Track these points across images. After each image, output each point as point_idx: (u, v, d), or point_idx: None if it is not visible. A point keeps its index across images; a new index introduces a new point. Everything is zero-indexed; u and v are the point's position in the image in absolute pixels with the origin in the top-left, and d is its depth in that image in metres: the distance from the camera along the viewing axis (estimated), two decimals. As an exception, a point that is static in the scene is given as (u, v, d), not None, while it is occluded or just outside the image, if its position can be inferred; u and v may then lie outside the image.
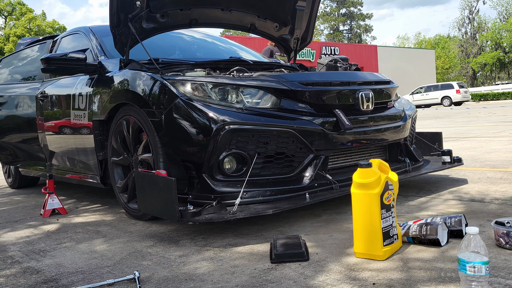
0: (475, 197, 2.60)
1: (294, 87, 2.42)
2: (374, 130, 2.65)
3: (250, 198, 2.23)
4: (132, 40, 2.85)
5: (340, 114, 2.45)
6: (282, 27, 3.49)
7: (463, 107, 21.16)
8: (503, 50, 48.11)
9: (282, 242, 1.89)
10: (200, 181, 2.27)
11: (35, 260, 2.05)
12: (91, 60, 3.21)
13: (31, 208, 3.46)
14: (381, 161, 1.84)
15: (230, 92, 2.36)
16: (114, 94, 2.76)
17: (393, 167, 2.82)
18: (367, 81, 2.75)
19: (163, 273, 1.74)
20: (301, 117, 2.38)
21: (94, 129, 2.95)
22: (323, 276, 1.57)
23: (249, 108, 2.32)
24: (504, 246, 1.68)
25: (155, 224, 2.56)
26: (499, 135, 6.10)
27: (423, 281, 1.46)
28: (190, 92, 2.33)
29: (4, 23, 41.49)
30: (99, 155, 2.97)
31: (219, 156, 2.22)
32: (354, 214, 1.75)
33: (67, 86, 3.40)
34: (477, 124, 8.75)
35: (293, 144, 2.34)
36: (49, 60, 3.01)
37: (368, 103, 2.61)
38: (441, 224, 1.80)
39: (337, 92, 2.54)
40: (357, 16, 57.65)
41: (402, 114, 2.91)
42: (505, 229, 1.68)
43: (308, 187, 2.36)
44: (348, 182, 2.51)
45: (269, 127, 2.27)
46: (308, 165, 2.39)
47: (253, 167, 2.25)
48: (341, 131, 2.44)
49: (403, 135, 2.88)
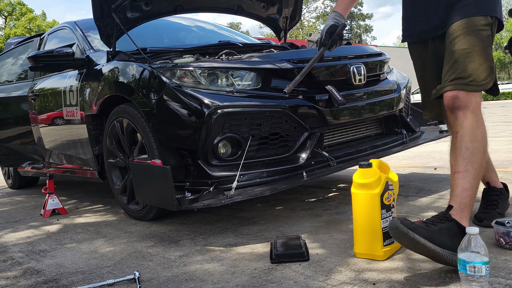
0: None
1: (283, 66, 2.40)
2: (368, 104, 2.63)
3: (247, 181, 2.22)
4: (118, 31, 2.83)
5: (333, 90, 2.43)
6: (269, 6, 3.46)
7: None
8: (503, 50, 48.06)
9: (282, 242, 1.89)
10: (196, 168, 2.26)
11: (35, 260, 2.05)
12: (79, 54, 3.19)
13: (31, 209, 3.46)
14: (381, 161, 1.84)
15: (219, 76, 2.33)
16: (104, 87, 2.75)
17: (390, 139, 2.83)
18: (358, 55, 2.72)
19: (163, 273, 1.74)
20: (293, 95, 2.37)
21: (87, 123, 2.95)
22: (323, 276, 1.57)
23: (240, 91, 2.30)
24: (504, 246, 1.68)
25: (155, 224, 2.56)
26: (499, 135, 6.10)
27: (423, 281, 1.46)
28: (180, 79, 2.31)
29: (4, 23, 41.49)
30: (95, 149, 2.97)
31: (213, 141, 2.21)
32: (354, 214, 1.75)
33: (57, 83, 3.39)
34: (477, 124, 8.72)
35: (287, 124, 2.33)
36: (36, 58, 3.00)
37: (360, 77, 2.58)
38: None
39: (327, 67, 2.52)
40: (357, 16, 57.67)
41: (396, 85, 2.89)
42: (505, 229, 1.68)
43: (305, 166, 2.34)
44: (345, 157, 2.52)
45: (261, 108, 2.26)
46: (304, 144, 2.38)
47: (248, 149, 2.24)
48: (334, 107, 2.42)
49: (398, 106, 2.85)
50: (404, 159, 4.51)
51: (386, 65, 2.98)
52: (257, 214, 2.60)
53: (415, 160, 4.37)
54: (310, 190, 3.26)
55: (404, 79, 3.12)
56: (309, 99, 2.39)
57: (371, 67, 2.74)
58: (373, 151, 2.66)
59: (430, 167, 3.83)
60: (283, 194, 3.18)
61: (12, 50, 4.58)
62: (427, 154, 4.70)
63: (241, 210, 2.76)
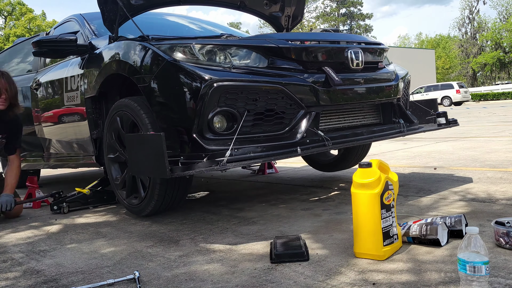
0: (475, 197, 2.60)
1: (282, 44, 2.42)
2: (365, 88, 2.65)
3: (241, 155, 2.21)
4: (121, 17, 2.85)
5: (329, 70, 2.45)
6: (272, 4, 3.48)
7: (463, 107, 21.16)
8: (503, 50, 48.09)
9: (282, 242, 1.89)
10: (191, 141, 2.26)
11: (35, 260, 2.05)
12: (82, 42, 3.23)
13: (31, 208, 3.46)
14: (381, 161, 1.84)
15: (218, 54, 2.35)
16: (104, 67, 2.77)
17: (387, 126, 2.83)
18: (356, 41, 2.75)
19: (163, 273, 1.74)
20: (290, 74, 2.38)
21: (87, 107, 2.97)
22: (323, 276, 1.57)
23: (237, 67, 2.32)
24: (504, 246, 1.68)
25: (155, 224, 2.56)
26: (499, 135, 6.10)
27: (423, 281, 1.46)
28: (178, 55, 2.32)
29: (4, 23, 41.49)
30: (93, 133, 2.99)
31: (209, 115, 2.21)
32: (354, 214, 1.75)
33: (59, 71, 3.44)
34: (477, 124, 8.75)
35: (283, 101, 2.33)
36: (40, 43, 3.02)
37: (357, 61, 2.60)
38: (441, 224, 1.81)
39: (325, 49, 2.54)
40: (357, 16, 57.64)
41: (394, 75, 2.91)
42: (505, 229, 1.68)
43: (300, 143, 2.34)
44: (341, 139, 2.51)
45: (258, 84, 2.27)
46: (299, 122, 2.38)
47: (244, 124, 2.25)
48: (331, 87, 2.43)
49: (396, 95, 2.86)
50: (404, 159, 4.51)
51: (385, 55, 2.99)
52: (257, 214, 2.60)
53: (415, 160, 4.37)
54: (310, 190, 3.26)
55: (403, 71, 3.12)
56: (306, 78, 2.40)
57: (369, 53, 2.76)
58: (369, 135, 2.67)
59: (430, 167, 3.83)
60: (283, 194, 3.18)
61: (18, 45, 4.70)
62: (427, 154, 4.70)
63: (241, 210, 2.76)
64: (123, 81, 2.79)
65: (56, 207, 3.15)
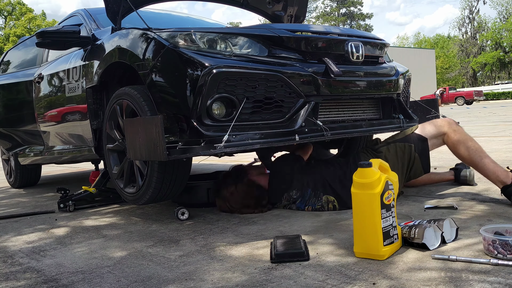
0: (475, 197, 2.60)
1: (282, 34, 2.43)
2: (365, 81, 2.65)
3: (240, 141, 2.22)
4: (125, 9, 2.87)
5: (329, 61, 2.46)
6: (275, 3, 3.48)
7: (463, 107, 21.16)
8: (503, 50, 48.13)
9: (282, 242, 1.89)
10: (190, 128, 2.26)
11: (35, 260, 2.05)
12: (85, 34, 3.27)
13: (31, 208, 3.47)
14: (381, 161, 1.84)
15: (218, 42, 2.36)
16: (105, 56, 2.78)
17: (387, 120, 2.83)
18: (358, 35, 2.77)
19: (163, 273, 1.74)
20: (290, 63, 2.39)
21: (88, 97, 2.99)
22: (323, 276, 1.57)
23: (237, 55, 2.34)
24: (497, 256, 1.60)
25: (155, 224, 2.57)
26: (499, 135, 6.10)
27: (423, 281, 1.46)
28: (179, 42, 2.33)
29: (4, 23, 41.50)
30: (93, 123, 3.00)
31: (208, 101, 2.21)
32: (354, 214, 1.75)
33: (62, 65, 3.47)
34: (477, 124, 8.75)
35: (282, 89, 2.34)
36: (43, 34, 3.05)
37: (358, 54, 2.60)
38: (430, 227, 1.77)
39: (326, 40, 2.55)
40: (357, 16, 57.68)
41: (394, 70, 2.91)
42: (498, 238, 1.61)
43: (299, 131, 2.35)
44: (340, 130, 2.51)
45: (257, 71, 2.28)
46: (298, 111, 2.38)
47: (243, 111, 2.25)
48: (330, 77, 2.44)
49: (396, 90, 2.86)
50: (404, 159, 4.50)
51: (386, 50, 2.99)
52: (257, 214, 2.60)
53: (415, 160, 4.36)
54: (310, 190, 3.25)
55: (404, 68, 3.13)
56: (306, 67, 2.41)
57: (370, 47, 2.77)
58: (368, 128, 2.67)
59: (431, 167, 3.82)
60: (283, 194, 3.18)
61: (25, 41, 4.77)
62: (427, 154, 4.69)
63: (241, 210, 2.76)
64: (124, 72, 2.80)
65: (63, 205, 3.19)
